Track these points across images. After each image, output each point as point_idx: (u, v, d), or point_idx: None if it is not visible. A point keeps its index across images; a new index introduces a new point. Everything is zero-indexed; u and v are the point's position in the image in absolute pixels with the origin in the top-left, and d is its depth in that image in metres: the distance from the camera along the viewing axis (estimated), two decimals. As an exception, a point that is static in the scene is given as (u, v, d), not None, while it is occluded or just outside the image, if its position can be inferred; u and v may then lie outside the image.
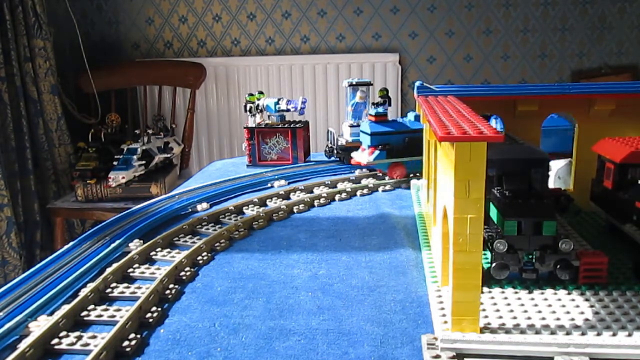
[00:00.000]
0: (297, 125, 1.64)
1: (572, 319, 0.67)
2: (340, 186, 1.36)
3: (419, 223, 1.08)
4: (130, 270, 0.87)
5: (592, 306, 0.70)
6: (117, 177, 2.08)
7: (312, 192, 1.33)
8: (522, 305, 0.71)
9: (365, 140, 1.40)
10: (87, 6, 3.01)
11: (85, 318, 0.71)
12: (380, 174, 1.45)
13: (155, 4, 3.00)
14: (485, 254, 0.82)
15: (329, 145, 1.62)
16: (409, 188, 1.36)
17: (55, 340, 0.65)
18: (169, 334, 0.70)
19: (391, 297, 0.79)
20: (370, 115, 1.41)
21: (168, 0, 2.99)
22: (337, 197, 1.29)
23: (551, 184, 1.24)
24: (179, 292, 0.81)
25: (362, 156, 1.39)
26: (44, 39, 2.52)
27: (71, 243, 0.96)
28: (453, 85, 2.44)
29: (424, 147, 1.15)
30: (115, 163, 2.13)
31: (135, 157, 2.12)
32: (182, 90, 2.93)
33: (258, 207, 1.20)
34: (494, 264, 0.75)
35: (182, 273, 0.86)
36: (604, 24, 2.92)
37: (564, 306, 0.70)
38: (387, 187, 1.36)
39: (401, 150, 1.38)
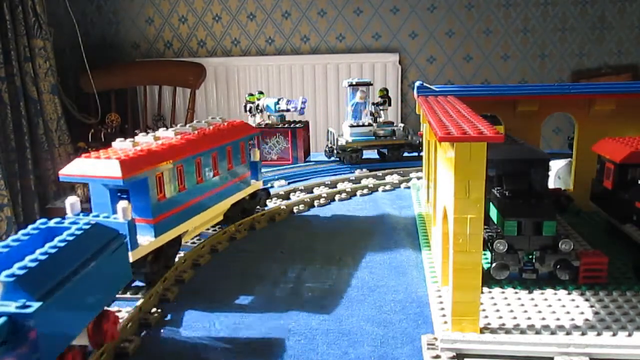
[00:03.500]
0: (297, 125, 1.64)
1: (572, 319, 0.67)
2: (340, 186, 1.36)
3: (419, 223, 1.08)
4: (130, 270, 0.87)
5: (592, 306, 0.70)
6: (117, 177, 2.08)
7: (312, 192, 1.33)
8: (522, 305, 0.71)
9: None
10: (87, 6, 3.01)
11: (85, 318, 0.71)
12: (381, 175, 1.45)
13: (155, 4, 3.00)
14: (485, 254, 0.82)
15: (329, 145, 1.62)
16: (409, 188, 1.36)
17: (56, 340, 0.65)
18: (170, 333, 0.70)
19: (391, 297, 0.79)
20: None
21: (168, 0, 2.99)
22: (337, 197, 1.29)
23: (551, 184, 1.24)
24: (179, 292, 0.81)
25: None
26: (44, 39, 2.52)
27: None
28: (453, 85, 2.44)
29: (424, 149, 1.15)
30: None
31: (135, 157, 2.12)
32: (182, 90, 2.93)
33: (258, 207, 1.20)
34: (494, 264, 0.75)
35: (182, 273, 0.86)
36: (604, 24, 2.92)
37: (564, 306, 0.70)
38: (387, 187, 1.36)
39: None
